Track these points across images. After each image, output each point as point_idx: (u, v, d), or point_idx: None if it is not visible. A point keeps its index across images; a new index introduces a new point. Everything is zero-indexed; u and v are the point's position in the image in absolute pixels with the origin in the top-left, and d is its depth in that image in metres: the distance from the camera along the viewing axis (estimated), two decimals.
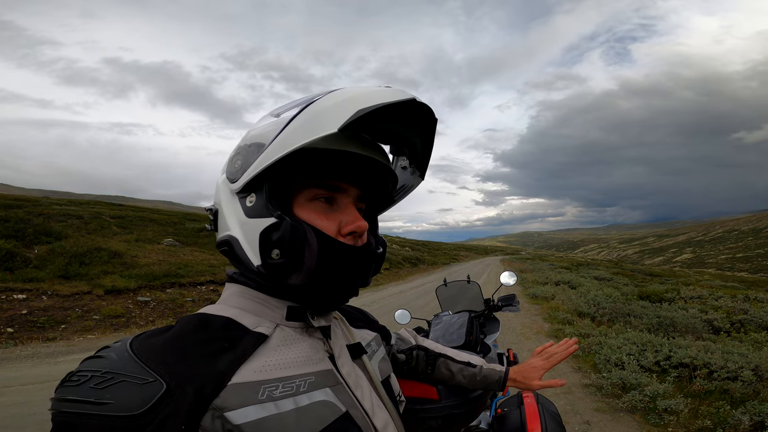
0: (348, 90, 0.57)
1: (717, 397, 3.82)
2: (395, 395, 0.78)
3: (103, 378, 0.47)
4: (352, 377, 0.66)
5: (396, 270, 22.32)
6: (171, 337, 0.55)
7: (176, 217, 19.54)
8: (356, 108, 0.54)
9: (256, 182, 0.60)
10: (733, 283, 20.65)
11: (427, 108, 0.62)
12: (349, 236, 0.63)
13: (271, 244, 0.58)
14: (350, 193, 0.66)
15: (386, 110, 0.56)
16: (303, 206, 0.62)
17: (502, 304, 2.29)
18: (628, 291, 11.61)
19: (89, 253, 9.69)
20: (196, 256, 12.37)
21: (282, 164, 0.58)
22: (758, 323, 6.89)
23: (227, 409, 0.50)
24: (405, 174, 0.81)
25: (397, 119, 0.64)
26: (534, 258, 50.03)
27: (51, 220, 12.47)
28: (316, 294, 0.62)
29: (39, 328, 6.44)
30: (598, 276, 17.34)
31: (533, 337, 6.82)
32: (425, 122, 0.66)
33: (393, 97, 0.56)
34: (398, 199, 0.82)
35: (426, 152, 0.75)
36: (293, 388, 0.57)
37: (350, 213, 0.64)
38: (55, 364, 5.19)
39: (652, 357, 4.78)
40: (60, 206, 15.51)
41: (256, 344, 0.58)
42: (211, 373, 0.51)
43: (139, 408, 0.45)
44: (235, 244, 0.62)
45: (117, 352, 0.52)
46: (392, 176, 0.71)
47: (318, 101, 0.57)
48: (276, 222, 0.58)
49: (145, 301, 8.30)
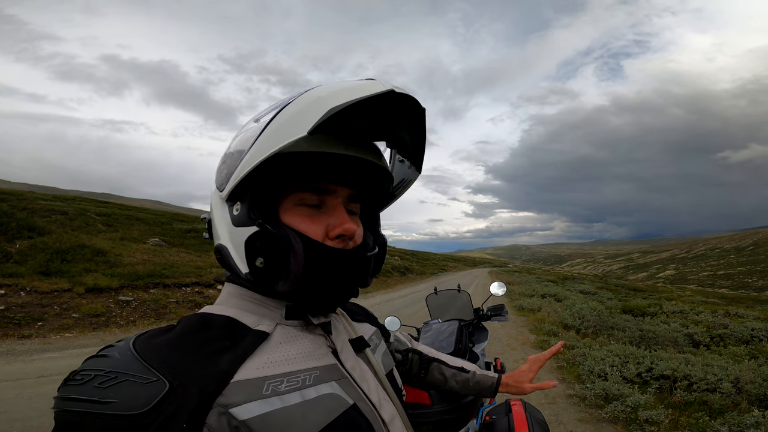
0: (322, 88, 0.55)
1: (697, 408, 3.87)
2: (399, 389, 0.78)
3: (106, 377, 0.47)
4: (356, 371, 0.66)
5: (385, 279, 22.28)
6: (173, 337, 0.55)
7: (164, 217, 19.29)
8: (327, 107, 0.51)
9: (240, 190, 0.59)
10: (714, 300, 21.05)
11: (411, 99, 0.56)
12: (337, 239, 0.61)
13: (256, 252, 0.57)
14: (339, 194, 0.63)
15: (364, 105, 0.52)
16: (289, 211, 0.61)
17: (491, 314, 2.30)
18: (612, 305, 11.76)
19: (72, 250, 9.48)
20: (182, 257, 12.18)
21: (264, 170, 0.56)
22: (738, 337, 7.03)
23: (232, 405, 0.50)
24: (403, 168, 0.77)
25: (378, 113, 0.58)
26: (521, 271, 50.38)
27: (35, 215, 12.22)
28: (307, 299, 0.61)
29: (15, 325, 6.27)
30: (583, 290, 17.53)
31: (519, 348, 6.85)
32: (411, 114, 0.61)
33: (369, 91, 0.52)
34: (399, 194, 0.79)
35: (417, 144, 0.69)
36: (299, 382, 0.57)
37: (338, 215, 0.62)
38: (30, 361, 5.05)
39: (634, 369, 4.84)
40: (45, 201, 15.20)
41: (257, 342, 0.58)
42: (214, 372, 0.51)
43: (143, 407, 0.46)
44: (225, 253, 0.62)
45: (120, 351, 0.51)
46: (385, 172, 0.68)
47: (292, 103, 0.55)
48: (258, 231, 0.57)
49: (126, 300, 8.12)
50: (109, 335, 6.71)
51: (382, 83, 0.53)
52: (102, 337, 6.56)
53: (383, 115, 0.59)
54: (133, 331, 7.09)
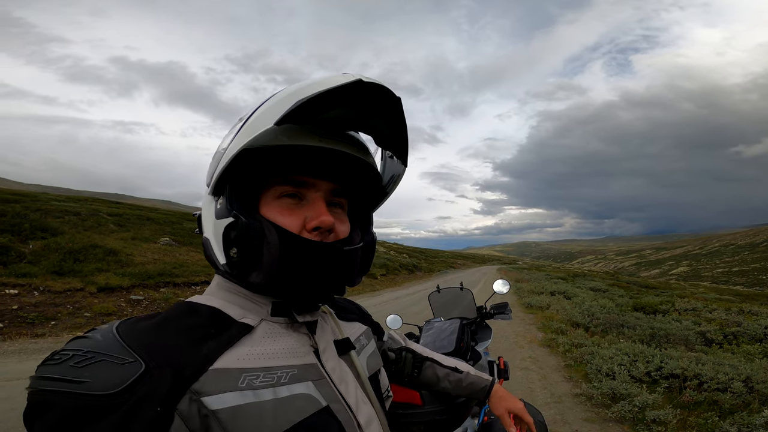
0: (297, 84, 0.56)
1: (706, 408, 3.81)
2: (382, 391, 0.78)
3: (83, 357, 0.47)
4: (336, 372, 0.66)
5: (393, 276, 22.29)
6: (157, 322, 0.55)
7: (174, 216, 19.52)
8: (295, 99, 0.52)
9: (221, 184, 0.61)
10: (728, 297, 20.69)
11: (383, 88, 0.56)
12: (314, 232, 0.61)
13: (230, 242, 0.59)
14: (320, 188, 0.64)
15: (334, 96, 0.53)
16: (269, 204, 0.62)
17: (494, 312, 2.28)
18: (622, 302, 11.60)
19: (84, 250, 9.65)
20: (191, 256, 12.35)
21: (243, 164, 0.58)
22: (751, 335, 6.90)
23: (205, 393, 0.50)
24: (393, 163, 0.77)
25: (349, 105, 0.58)
26: (531, 268, 50.03)
27: (48, 216, 12.45)
28: (284, 292, 0.61)
29: (29, 324, 6.40)
30: (593, 287, 17.32)
31: (527, 346, 6.81)
32: (385, 104, 0.59)
33: (335, 82, 0.53)
34: (390, 191, 0.79)
35: (397, 135, 0.67)
36: (274, 378, 0.57)
37: (316, 208, 0.63)
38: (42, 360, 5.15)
39: (643, 367, 4.78)
40: (58, 202, 15.48)
41: (241, 333, 0.58)
42: (193, 357, 0.52)
43: (116, 387, 0.45)
44: (207, 245, 0.64)
45: (102, 333, 0.52)
46: (369, 168, 0.68)
47: (269, 99, 0.57)
48: (233, 221, 0.58)
49: (137, 299, 8.26)
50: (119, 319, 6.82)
51: (350, 75, 0.53)
52: None
53: (356, 106, 0.59)
54: None
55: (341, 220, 0.67)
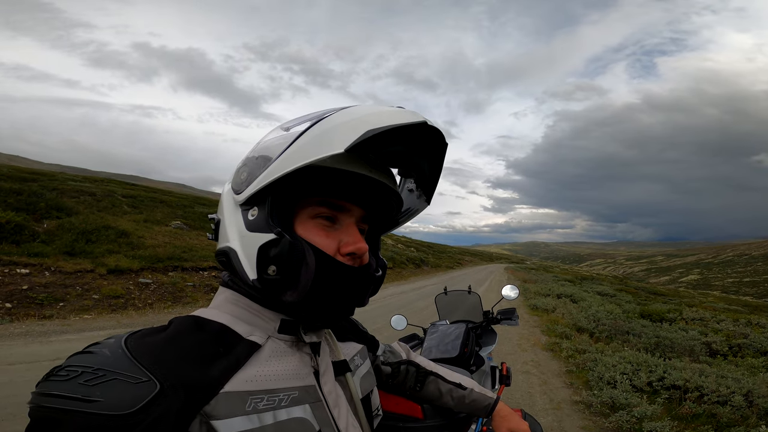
0: (359, 108, 0.57)
1: (704, 420, 3.78)
2: (372, 411, 0.78)
3: (94, 375, 0.46)
4: (332, 395, 0.66)
5: (399, 270, 22.30)
6: (167, 337, 0.54)
7: (187, 200, 19.74)
8: (366, 128, 0.52)
9: (259, 196, 0.60)
10: (736, 307, 20.35)
11: (438, 132, 0.60)
12: (348, 256, 0.63)
13: (269, 260, 0.58)
14: (353, 213, 0.65)
15: (395, 132, 0.55)
16: (304, 223, 0.62)
17: (501, 318, 2.26)
18: (629, 308, 11.49)
19: (96, 231, 9.83)
20: (201, 241, 12.49)
21: (287, 180, 0.57)
22: (757, 348, 6.80)
23: (215, 417, 0.50)
24: (411, 197, 0.81)
25: (406, 142, 0.63)
26: (539, 268, 49.68)
27: (64, 196, 12.70)
28: (310, 311, 0.62)
29: (37, 305, 6.48)
30: (601, 291, 17.15)
31: (530, 350, 6.78)
32: (434, 146, 0.64)
33: (404, 119, 0.54)
34: (402, 222, 0.82)
35: (433, 177, 0.73)
36: (275, 401, 0.57)
37: (352, 233, 0.64)
38: (47, 343, 5.15)
39: (645, 377, 4.74)
40: (75, 182, 15.76)
41: (249, 353, 0.58)
42: (205, 379, 0.51)
43: (130, 408, 0.44)
44: (233, 256, 0.62)
45: (110, 348, 0.50)
46: (397, 199, 0.71)
47: (328, 118, 0.56)
48: (275, 238, 0.57)
49: (146, 282, 8.39)
50: (125, 318, 6.91)
51: (413, 113, 0.56)
52: (119, 319, 6.76)
53: (411, 143, 0.64)
54: (150, 314, 7.33)
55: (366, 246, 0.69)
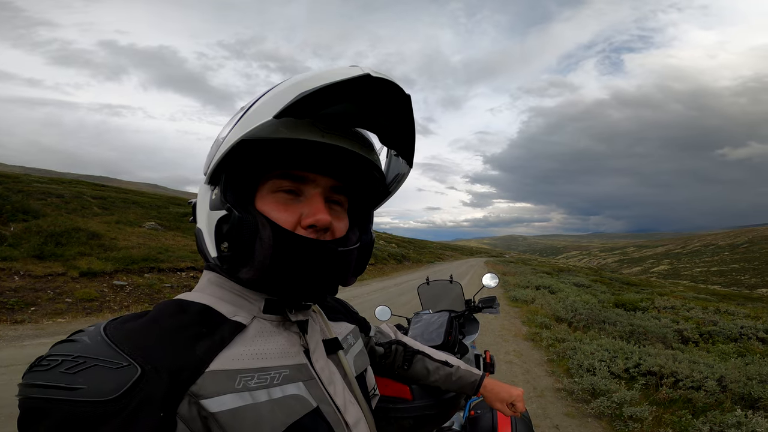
0: (301, 74, 0.53)
1: (681, 405, 3.94)
2: (368, 390, 0.78)
3: (74, 363, 0.45)
4: (325, 372, 0.65)
5: (381, 266, 22.36)
6: (147, 322, 0.53)
7: (160, 200, 19.21)
8: (297, 91, 0.50)
9: (217, 175, 0.59)
10: (705, 296, 21.27)
11: (392, 84, 0.53)
12: (310, 229, 0.60)
13: (222, 236, 0.57)
14: (319, 184, 0.62)
15: (340, 91, 0.51)
16: (265, 198, 0.60)
17: (482, 306, 2.30)
18: (605, 298, 11.86)
19: (66, 233, 9.43)
20: (177, 241, 12.17)
21: (241, 155, 0.56)
22: (726, 335, 7.11)
23: (204, 396, 0.49)
24: (398, 162, 0.75)
25: (356, 100, 0.56)
26: (517, 261, 50.69)
27: (30, 198, 12.13)
28: (275, 288, 0.59)
29: (8, 310, 6.24)
30: (577, 282, 17.65)
31: (511, 339, 6.92)
32: (393, 101, 0.57)
33: (343, 75, 0.50)
34: (394, 190, 0.77)
35: (404, 135, 0.65)
36: (267, 379, 0.56)
37: (313, 205, 0.61)
38: (21, 347, 5.04)
39: (622, 364, 4.90)
40: (41, 184, 15.11)
41: (233, 333, 0.57)
42: (189, 359, 0.50)
43: (113, 393, 0.44)
44: (200, 236, 0.62)
45: (90, 336, 0.50)
46: (371, 165, 0.66)
47: (271, 89, 0.55)
48: (226, 214, 0.57)
49: (120, 285, 8.13)
50: (102, 320, 6.69)
51: (357, 68, 0.51)
52: (94, 322, 6.54)
53: (362, 102, 0.57)
54: None
55: (339, 218, 0.65)
